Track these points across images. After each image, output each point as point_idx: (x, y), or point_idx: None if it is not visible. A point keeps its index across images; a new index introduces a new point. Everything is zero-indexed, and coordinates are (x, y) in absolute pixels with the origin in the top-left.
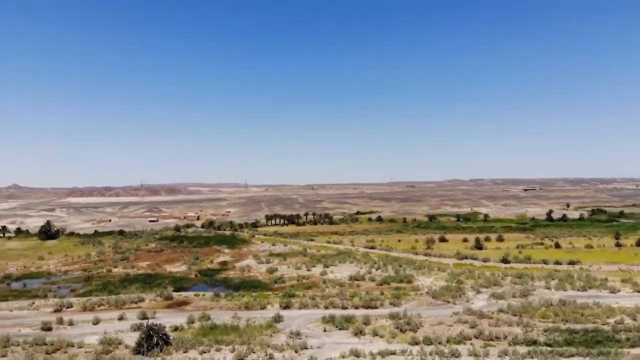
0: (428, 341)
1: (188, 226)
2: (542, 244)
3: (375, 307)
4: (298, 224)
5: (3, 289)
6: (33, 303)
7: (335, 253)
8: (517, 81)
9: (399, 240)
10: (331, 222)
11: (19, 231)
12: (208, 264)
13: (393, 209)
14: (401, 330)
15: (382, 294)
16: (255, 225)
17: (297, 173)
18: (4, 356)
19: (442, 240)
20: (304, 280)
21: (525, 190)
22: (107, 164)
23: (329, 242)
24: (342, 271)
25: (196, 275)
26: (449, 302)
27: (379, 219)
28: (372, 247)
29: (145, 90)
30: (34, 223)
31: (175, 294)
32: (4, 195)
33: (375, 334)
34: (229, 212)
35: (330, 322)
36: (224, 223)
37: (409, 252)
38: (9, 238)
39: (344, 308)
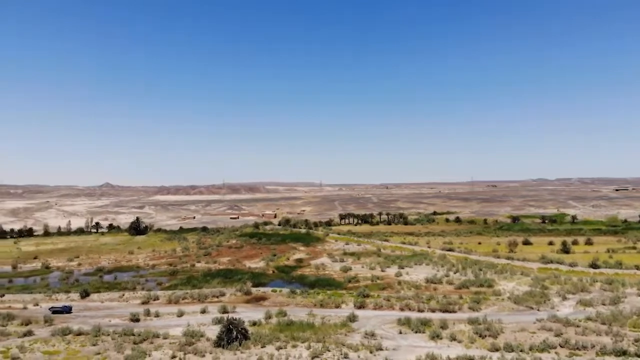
0: (509, 348)
1: (266, 224)
2: (634, 248)
3: (453, 311)
4: (372, 224)
5: (96, 281)
6: (123, 295)
7: (411, 254)
8: (610, 75)
9: (479, 243)
10: (406, 223)
11: (111, 227)
12: (284, 260)
13: (473, 209)
14: (480, 336)
15: (461, 298)
16: (329, 224)
17: (371, 172)
18: (94, 345)
19: (526, 243)
20: (379, 281)
21: (617, 190)
22: (192, 163)
23: (403, 243)
24: (417, 273)
25: (273, 272)
26: (532, 308)
27: (458, 220)
28: (450, 250)
29: (226, 94)
30: (124, 219)
31: (253, 290)
32: (97, 193)
33: (453, 338)
34: (304, 210)
35: (406, 324)
36: (299, 221)
37: (489, 255)
38: (102, 233)
39: (420, 311)
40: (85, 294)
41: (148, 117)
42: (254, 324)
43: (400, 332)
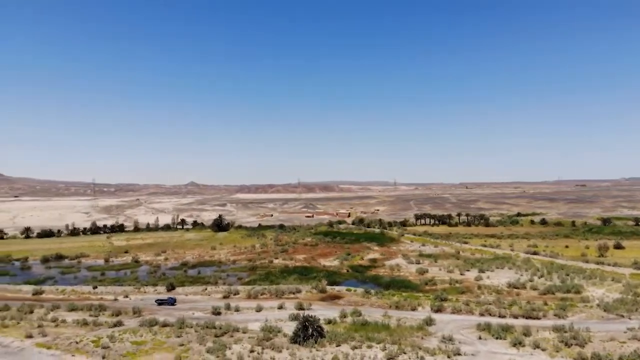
0: (597, 358)
1: (340, 222)
2: None
3: (537, 318)
4: (450, 225)
5: (181, 275)
6: (205, 289)
7: (492, 257)
8: None
9: (566, 246)
10: (487, 224)
11: (195, 224)
12: (359, 260)
13: (560, 210)
14: (566, 345)
15: (546, 304)
16: (404, 224)
17: (449, 171)
18: (179, 337)
19: (618, 247)
20: (457, 284)
21: None
22: (270, 163)
23: (484, 246)
24: (499, 277)
25: (347, 271)
26: (623, 316)
27: (543, 222)
28: (535, 253)
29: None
30: (208, 216)
31: (328, 288)
32: (183, 191)
33: (536, 346)
34: (377, 210)
35: (486, 329)
36: (373, 221)
37: (577, 260)
38: (187, 230)
39: (501, 316)
40: (171, 287)
41: (230, 120)
42: (329, 322)
43: (480, 338)
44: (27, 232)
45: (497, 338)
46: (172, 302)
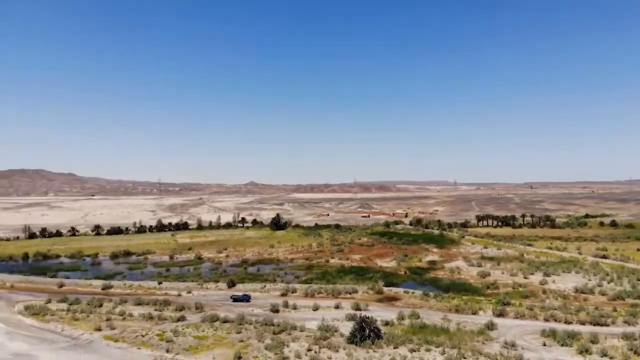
0: None
1: (397, 223)
2: None
3: (606, 325)
4: (513, 226)
5: (241, 272)
6: (264, 286)
7: (558, 261)
8: None
9: (638, 249)
10: (553, 226)
11: (254, 222)
12: (417, 262)
13: (631, 212)
14: (636, 353)
15: (615, 310)
16: (464, 225)
17: (513, 170)
18: (238, 332)
19: None
20: (520, 288)
21: None
22: (326, 163)
23: (549, 248)
24: (565, 281)
25: (405, 272)
26: None
27: (613, 224)
28: (604, 257)
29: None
30: (266, 215)
31: (385, 289)
32: (243, 191)
33: (604, 354)
34: (436, 210)
35: (551, 336)
36: (431, 222)
37: None
38: (247, 228)
39: (568, 322)
40: (231, 284)
41: (288, 121)
42: (386, 323)
43: (544, 344)
44: (97, 230)
45: (562, 345)
46: (247, 299)
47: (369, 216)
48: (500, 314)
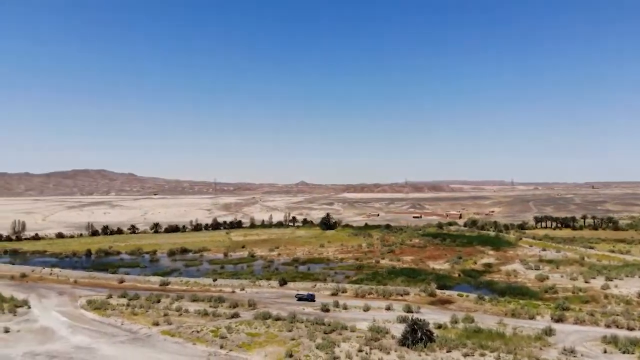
0: None
1: (450, 224)
2: None
3: None
4: (573, 228)
5: (292, 270)
6: (315, 285)
7: (621, 264)
8: None
9: None
10: (616, 228)
11: (305, 221)
12: (471, 264)
13: None
14: None
15: None
16: (522, 227)
17: (573, 170)
18: (290, 331)
19: None
20: (581, 293)
21: None
22: (376, 163)
23: (612, 251)
24: (629, 286)
25: (459, 275)
26: None
27: None
28: None
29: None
30: (316, 215)
31: (438, 292)
32: (294, 190)
33: None
34: (492, 211)
35: (612, 343)
36: (487, 223)
37: None
38: (298, 227)
39: (630, 329)
40: (283, 282)
41: (338, 120)
42: (439, 326)
43: (605, 352)
44: (155, 228)
45: (624, 352)
46: (311, 298)
47: (420, 217)
48: (559, 319)
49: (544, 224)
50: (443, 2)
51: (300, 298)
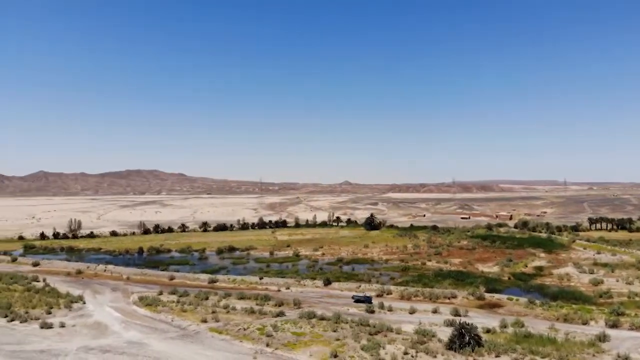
0: None
1: (500, 225)
2: None
3: None
4: (630, 230)
5: (336, 270)
6: (359, 286)
7: None
8: None
9: None
10: None
11: (349, 221)
12: (522, 267)
13: None
14: None
15: None
16: (575, 228)
17: (629, 169)
18: (335, 331)
19: None
20: (637, 298)
21: None
22: (422, 162)
23: None
24: None
25: (509, 278)
26: None
27: None
28: None
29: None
30: (360, 215)
31: (487, 295)
32: (337, 190)
33: None
34: (544, 212)
35: None
36: (538, 224)
37: None
38: (342, 227)
39: None
40: (327, 282)
41: (381, 119)
42: (488, 331)
43: None
44: (204, 226)
45: None
46: (368, 300)
47: (469, 217)
48: (614, 325)
49: (598, 226)
50: None
51: (358, 300)
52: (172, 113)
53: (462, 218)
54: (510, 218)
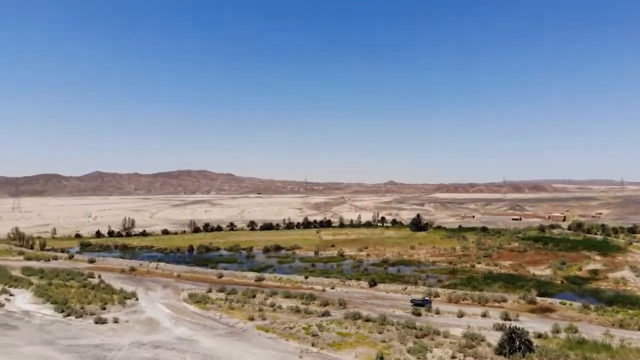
0: None
1: (553, 227)
2: None
3: None
4: None
5: (381, 271)
6: (405, 288)
7: None
8: None
9: None
10: None
11: (394, 222)
12: (575, 270)
13: None
14: None
15: None
16: (633, 230)
17: None
18: (380, 333)
19: None
20: None
21: None
22: (470, 161)
23: None
24: None
25: (562, 282)
26: None
27: None
28: None
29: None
30: (406, 215)
31: (538, 299)
32: (382, 190)
33: None
34: (600, 213)
35: None
36: (594, 226)
37: None
38: (387, 227)
39: None
40: (373, 283)
41: (427, 119)
42: (539, 336)
43: None
44: (252, 225)
45: None
46: (427, 303)
47: (520, 219)
48: None
49: None
50: None
51: (416, 303)
52: (222, 115)
53: (513, 219)
54: (564, 219)
